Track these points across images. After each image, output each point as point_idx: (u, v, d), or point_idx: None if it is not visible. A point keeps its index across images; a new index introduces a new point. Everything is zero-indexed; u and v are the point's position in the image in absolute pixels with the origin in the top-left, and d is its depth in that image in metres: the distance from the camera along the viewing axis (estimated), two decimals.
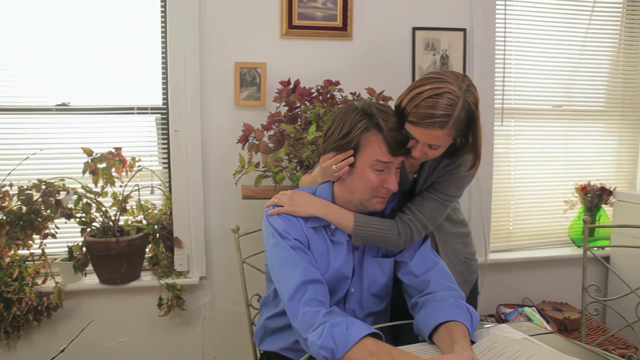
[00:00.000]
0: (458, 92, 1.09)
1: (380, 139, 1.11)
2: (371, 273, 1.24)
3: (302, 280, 1.08)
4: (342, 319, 1.01)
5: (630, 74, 2.54)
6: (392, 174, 1.15)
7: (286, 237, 1.15)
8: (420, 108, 1.10)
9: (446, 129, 1.10)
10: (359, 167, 1.14)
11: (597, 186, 2.42)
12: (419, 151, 1.16)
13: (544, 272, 2.47)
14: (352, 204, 1.20)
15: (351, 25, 2.08)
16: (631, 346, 2.04)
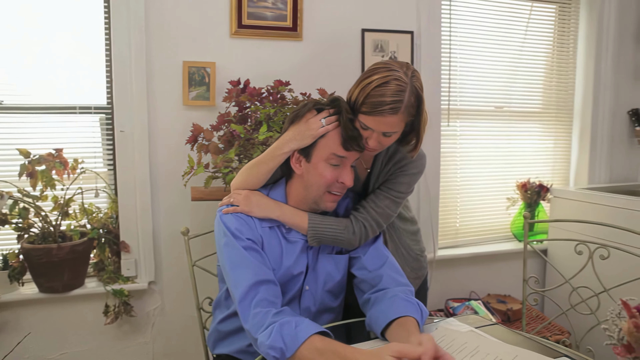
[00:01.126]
0: (405, 79, 1.13)
1: (337, 132, 1.13)
2: (326, 270, 1.26)
3: (253, 281, 1.08)
4: (291, 318, 1.01)
5: (563, 79, 2.70)
6: (347, 169, 1.17)
7: (239, 237, 1.14)
8: (371, 97, 1.13)
9: (399, 114, 1.14)
10: (315, 161, 1.15)
11: (536, 183, 2.55)
12: (375, 140, 1.18)
13: (488, 267, 2.58)
14: (305, 203, 1.21)
15: (301, 26, 2.09)
16: (565, 332, 2.17)
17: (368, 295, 1.21)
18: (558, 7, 2.64)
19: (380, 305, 1.14)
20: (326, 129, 1.14)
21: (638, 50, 2.70)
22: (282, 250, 1.21)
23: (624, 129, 2.73)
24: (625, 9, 2.63)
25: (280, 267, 1.20)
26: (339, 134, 1.14)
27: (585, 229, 2.17)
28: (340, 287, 1.30)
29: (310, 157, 1.16)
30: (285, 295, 1.21)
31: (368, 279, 1.23)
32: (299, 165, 1.18)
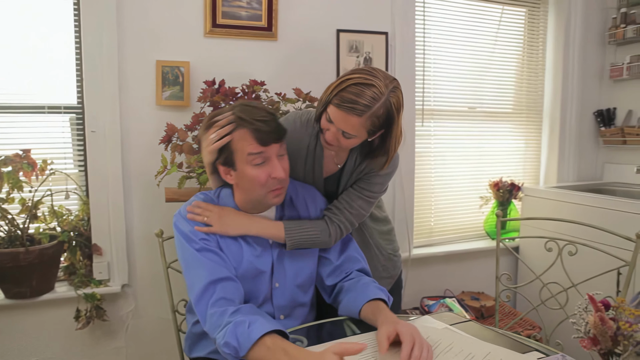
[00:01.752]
0: (383, 89, 1.14)
1: (246, 131, 1.13)
2: (294, 265, 1.26)
3: (208, 281, 1.09)
4: (246, 317, 1.01)
5: (532, 81, 2.77)
6: (275, 163, 1.15)
7: (192, 240, 1.15)
8: (345, 92, 1.14)
9: (362, 119, 1.14)
10: (240, 167, 1.16)
11: (508, 182, 2.61)
12: (332, 135, 1.20)
13: (462, 265, 2.62)
14: (252, 205, 1.22)
15: (276, 26, 2.09)
16: (536, 326, 2.23)
17: (342, 282, 1.28)
18: (528, 10, 2.71)
19: (355, 292, 1.22)
20: (220, 143, 1.15)
21: (602, 54, 2.79)
22: (242, 248, 1.21)
23: (590, 129, 2.82)
24: (590, 14, 2.71)
25: (242, 264, 1.19)
26: (248, 132, 1.13)
27: (554, 226, 2.23)
28: (310, 280, 1.31)
29: (235, 165, 1.16)
30: (256, 295, 1.21)
31: (337, 272, 1.30)
32: (229, 176, 1.19)
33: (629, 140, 2.64)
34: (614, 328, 0.78)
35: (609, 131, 2.74)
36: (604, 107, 2.78)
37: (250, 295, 1.20)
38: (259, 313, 1.08)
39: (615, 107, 2.77)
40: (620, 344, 0.77)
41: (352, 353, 0.88)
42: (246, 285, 1.19)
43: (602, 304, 0.83)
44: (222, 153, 1.16)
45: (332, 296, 1.31)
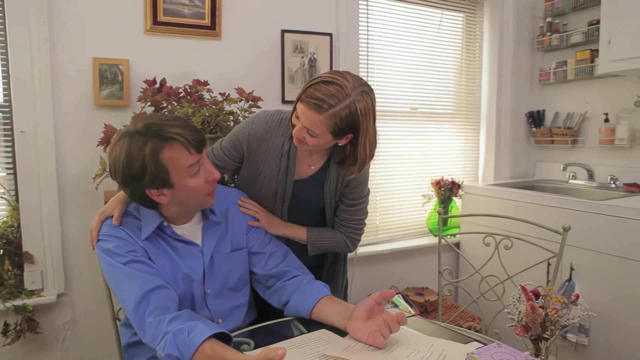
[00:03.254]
0: (349, 91, 1.15)
1: (179, 146, 1.08)
2: (224, 270, 1.25)
3: (141, 293, 1.06)
4: (184, 325, 0.99)
5: (470, 83, 2.90)
6: (207, 166, 1.16)
7: (117, 255, 1.11)
8: (313, 88, 1.16)
9: (322, 116, 1.15)
10: (178, 184, 1.11)
11: (449, 181, 2.71)
12: (298, 131, 1.22)
13: (407, 261, 2.70)
14: (187, 213, 1.20)
15: (220, 25, 2.06)
16: (476, 318, 2.33)
17: (281, 282, 1.28)
18: (465, 16, 2.83)
19: (302, 290, 1.22)
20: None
21: (532, 60, 2.97)
22: (171, 258, 1.19)
23: (523, 130, 2.99)
24: (520, 22, 2.88)
25: (172, 274, 1.17)
26: (181, 146, 1.08)
27: (492, 222, 2.35)
28: (242, 282, 1.30)
29: (171, 183, 1.10)
30: (191, 302, 1.20)
31: (275, 273, 1.30)
32: (163, 196, 1.11)
33: (556, 140, 2.82)
34: (543, 315, 0.83)
35: (539, 131, 2.91)
36: (534, 109, 2.96)
37: (185, 302, 1.19)
38: (197, 318, 1.07)
39: (544, 109, 2.95)
40: (548, 329, 0.83)
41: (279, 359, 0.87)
42: (180, 292, 1.17)
43: (533, 294, 0.88)
44: (152, 178, 1.07)
45: (269, 290, 1.30)
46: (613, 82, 2.56)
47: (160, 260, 1.17)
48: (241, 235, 1.32)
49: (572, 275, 2.08)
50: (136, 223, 1.18)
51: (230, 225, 1.31)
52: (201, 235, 1.25)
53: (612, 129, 2.52)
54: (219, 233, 1.28)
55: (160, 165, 1.07)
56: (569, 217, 2.07)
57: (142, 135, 1.07)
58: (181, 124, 1.11)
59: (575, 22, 2.74)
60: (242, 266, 1.30)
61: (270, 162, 1.38)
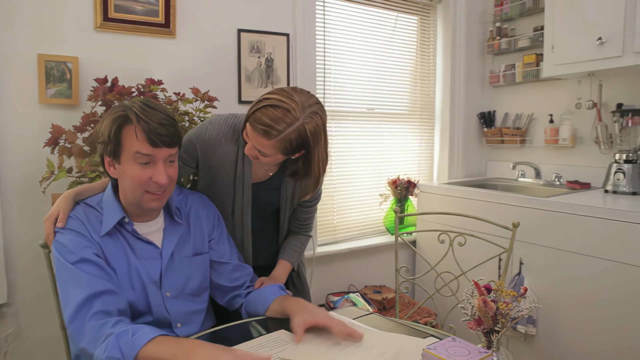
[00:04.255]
0: (298, 114, 1.14)
1: (139, 130, 1.10)
2: (185, 273, 1.24)
3: (85, 296, 1.03)
4: (129, 327, 0.98)
5: (425, 84, 2.97)
6: (160, 167, 1.13)
7: (69, 252, 1.08)
8: (260, 112, 1.15)
9: (272, 141, 1.15)
10: (124, 163, 1.13)
11: (405, 180, 2.77)
12: (250, 150, 1.22)
13: (365, 260, 2.73)
14: (131, 205, 1.18)
15: (174, 23, 2.01)
16: (432, 314, 2.39)
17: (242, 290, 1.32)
18: (419, 19, 2.90)
19: (257, 293, 1.29)
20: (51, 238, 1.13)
21: (483, 62, 3.08)
22: (128, 257, 1.16)
23: (475, 130, 3.10)
24: (472, 26, 2.98)
25: (128, 274, 1.15)
26: (141, 132, 1.10)
27: (446, 220, 2.42)
28: (203, 287, 1.29)
29: (120, 159, 1.13)
30: (148, 305, 1.17)
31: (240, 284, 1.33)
32: (113, 168, 1.15)
33: (506, 139, 2.94)
34: (494, 308, 0.86)
35: (490, 132, 3.02)
36: (485, 110, 3.07)
37: (141, 304, 1.16)
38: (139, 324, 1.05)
39: (495, 110, 3.07)
40: (499, 322, 0.86)
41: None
42: (134, 294, 1.14)
43: (485, 288, 0.92)
44: (110, 142, 1.12)
45: (228, 298, 1.33)
46: (556, 85, 2.70)
47: (117, 258, 1.14)
48: (203, 240, 1.31)
49: (521, 269, 2.17)
50: (98, 217, 1.16)
51: (192, 228, 1.29)
52: (162, 236, 1.23)
53: (556, 130, 2.65)
54: (181, 235, 1.26)
55: (117, 135, 1.11)
56: (518, 214, 2.16)
57: (121, 106, 1.14)
58: (160, 118, 1.12)
59: (522, 27, 2.87)
60: (203, 272, 1.29)
61: (226, 167, 1.37)
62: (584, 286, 1.94)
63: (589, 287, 1.92)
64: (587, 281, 1.93)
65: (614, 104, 2.42)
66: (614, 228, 1.83)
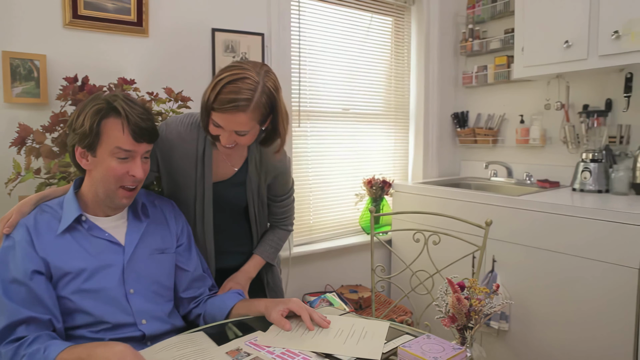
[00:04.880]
0: (256, 78, 1.16)
1: (121, 124, 1.11)
2: (149, 271, 1.22)
3: (6, 324, 1.01)
4: (41, 345, 0.98)
5: (399, 85, 3.00)
6: (137, 162, 1.15)
7: (4, 268, 1.06)
8: (222, 94, 1.14)
9: (249, 112, 1.16)
10: (100, 156, 1.12)
11: (380, 180, 2.79)
12: (227, 139, 1.20)
13: (341, 260, 2.74)
14: (100, 202, 1.17)
15: (147, 21, 1.98)
16: (408, 312, 2.42)
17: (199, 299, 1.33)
18: (394, 20, 2.93)
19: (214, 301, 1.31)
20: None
21: (456, 64, 3.13)
22: (88, 254, 1.14)
23: (448, 130, 3.15)
24: (445, 27, 3.03)
25: (88, 272, 1.12)
26: (124, 126, 1.11)
27: (421, 219, 2.45)
28: (167, 286, 1.27)
29: (96, 151, 1.12)
30: (109, 303, 1.13)
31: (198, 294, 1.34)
32: (85, 160, 1.15)
33: (479, 139, 2.99)
34: (468, 305, 0.88)
35: (463, 132, 3.08)
36: (459, 110, 3.12)
37: (103, 302, 1.13)
38: (57, 339, 1.04)
39: (468, 110, 3.12)
40: (473, 318, 0.88)
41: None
42: (97, 295, 1.12)
43: (458, 286, 0.93)
44: (87, 136, 1.10)
45: (189, 309, 1.33)
46: (527, 86, 2.77)
47: (75, 257, 1.12)
48: (171, 240, 1.29)
49: (494, 266, 2.21)
50: (56, 216, 1.15)
51: (159, 226, 1.28)
52: (125, 232, 1.21)
53: (527, 130, 2.72)
54: (144, 231, 1.24)
55: (96, 127, 1.10)
56: (491, 212, 2.21)
57: (101, 99, 1.13)
58: (141, 113, 1.13)
59: (494, 29, 2.93)
60: (168, 270, 1.27)
61: (186, 169, 1.36)
62: (555, 282, 2.00)
63: (559, 283, 1.98)
64: (557, 277, 1.98)
65: (581, 105, 2.50)
66: (581, 225, 1.89)
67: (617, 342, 1.81)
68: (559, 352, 2.00)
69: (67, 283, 1.10)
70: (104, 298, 1.13)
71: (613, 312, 1.81)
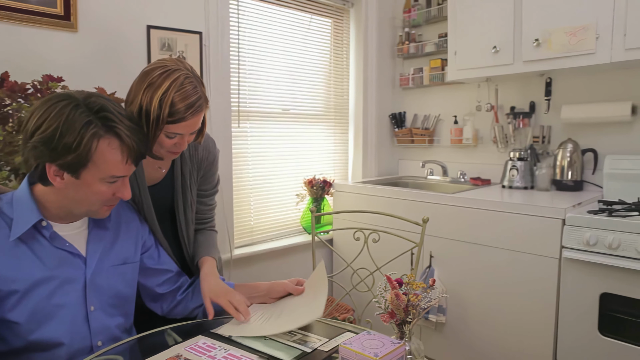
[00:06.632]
0: (189, 73, 1.14)
1: (119, 150, 0.98)
2: (110, 284, 1.13)
3: None
4: None
5: (339, 86, 3.04)
6: (126, 183, 1.06)
7: None
8: (178, 104, 1.09)
9: (205, 107, 1.16)
10: (86, 180, 0.99)
11: (321, 179, 2.82)
12: (186, 143, 1.19)
13: (283, 260, 2.74)
14: (69, 214, 1.05)
15: (75, 15, 1.87)
16: (350, 309, 2.45)
17: (180, 295, 1.29)
18: (333, 21, 2.96)
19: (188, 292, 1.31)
20: None
21: (393, 66, 3.22)
22: (44, 265, 1.02)
23: (387, 130, 3.23)
24: (382, 30, 3.11)
25: (44, 286, 1.01)
26: (122, 150, 0.99)
27: (361, 218, 2.50)
28: (129, 300, 1.20)
29: (79, 174, 0.97)
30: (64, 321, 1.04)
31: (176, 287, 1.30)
32: (59, 179, 0.98)
33: (416, 139, 3.10)
34: (406, 301, 0.91)
35: (401, 132, 3.17)
36: (396, 111, 3.21)
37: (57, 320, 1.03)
38: None
39: (405, 111, 3.22)
40: (410, 313, 0.91)
41: None
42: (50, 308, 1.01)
43: (397, 282, 0.96)
44: (73, 158, 0.94)
45: (171, 305, 1.28)
46: (459, 88, 2.90)
47: (28, 267, 0.99)
48: (132, 248, 1.20)
49: (431, 262, 2.30)
50: (5, 218, 1.00)
51: (122, 234, 1.18)
52: (86, 242, 1.10)
53: (460, 130, 2.85)
54: (107, 241, 1.14)
55: (87, 152, 0.95)
56: (428, 210, 2.29)
57: (89, 112, 0.95)
58: (133, 128, 1.00)
59: (429, 33, 3.04)
60: (131, 283, 1.19)
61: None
62: (486, 274, 2.11)
63: (490, 275, 2.09)
64: (489, 270, 2.09)
65: (509, 107, 2.66)
66: (509, 220, 2.01)
67: (540, 327, 1.94)
68: (491, 340, 2.11)
69: (17, 301, 0.98)
70: (62, 318, 1.03)
71: (537, 300, 1.94)
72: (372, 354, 0.81)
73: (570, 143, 2.33)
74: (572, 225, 1.82)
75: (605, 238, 1.72)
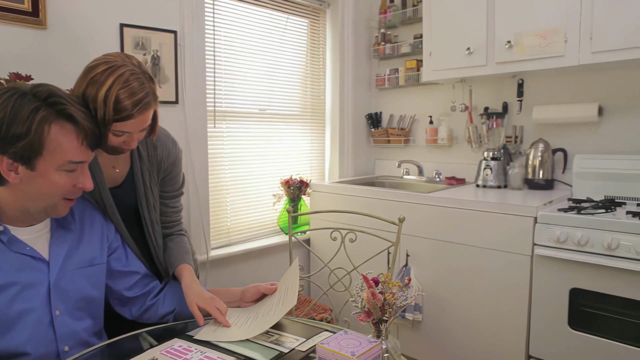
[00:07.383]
0: (136, 69, 1.09)
1: (74, 133, 0.95)
2: (77, 287, 1.10)
3: None
4: None
5: (315, 86, 3.05)
6: (86, 172, 1.02)
7: None
8: (124, 102, 1.05)
9: (154, 103, 1.13)
10: (42, 170, 0.95)
11: (298, 180, 2.81)
12: (136, 141, 1.15)
13: (260, 261, 2.72)
14: (28, 213, 1.01)
15: (45, 12, 1.82)
16: (328, 309, 2.46)
17: (150, 300, 1.27)
18: (309, 22, 2.96)
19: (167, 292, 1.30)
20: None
21: (369, 66, 3.24)
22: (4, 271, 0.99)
23: (363, 130, 3.25)
24: (359, 31, 3.13)
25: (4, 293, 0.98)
26: (77, 134, 0.96)
27: (338, 217, 2.50)
28: (97, 303, 1.16)
29: (34, 164, 0.93)
30: (33, 332, 1.00)
31: (146, 291, 1.28)
32: (13, 174, 0.94)
33: (392, 139, 3.13)
34: (382, 300, 0.92)
35: (377, 132, 3.19)
36: (373, 111, 3.24)
37: (25, 332, 0.99)
38: None
39: (381, 111, 3.25)
40: (387, 311, 0.92)
41: None
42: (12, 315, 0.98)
43: (373, 281, 0.97)
44: (23, 147, 0.90)
45: (142, 309, 1.26)
46: (434, 88, 2.94)
47: None
48: (98, 248, 1.17)
49: (407, 260, 2.32)
50: None
51: (87, 234, 1.15)
52: (48, 244, 1.06)
53: (435, 130, 2.89)
54: (71, 242, 1.11)
55: (39, 138, 0.91)
56: (404, 209, 2.31)
57: (36, 99, 0.92)
58: (86, 112, 0.97)
59: (404, 34, 3.07)
60: (98, 285, 1.16)
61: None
62: (461, 272, 2.14)
63: (465, 273, 2.13)
64: (464, 267, 2.13)
65: (482, 107, 2.70)
66: (483, 218, 2.04)
67: (513, 322, 1.98)
68: (466, 336, 2.15)
69: None
70: (25, 324, 0.99)
71: (510, 296, 1.99)
72: (349, 353, 0.82)
73: (541, 143, 2.39)
74: (543, 223, 1.87)
75: (575, 235, 1.77)
